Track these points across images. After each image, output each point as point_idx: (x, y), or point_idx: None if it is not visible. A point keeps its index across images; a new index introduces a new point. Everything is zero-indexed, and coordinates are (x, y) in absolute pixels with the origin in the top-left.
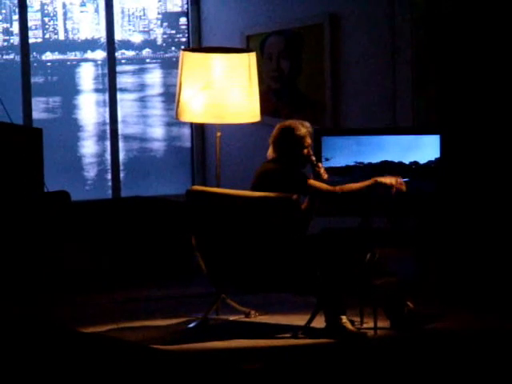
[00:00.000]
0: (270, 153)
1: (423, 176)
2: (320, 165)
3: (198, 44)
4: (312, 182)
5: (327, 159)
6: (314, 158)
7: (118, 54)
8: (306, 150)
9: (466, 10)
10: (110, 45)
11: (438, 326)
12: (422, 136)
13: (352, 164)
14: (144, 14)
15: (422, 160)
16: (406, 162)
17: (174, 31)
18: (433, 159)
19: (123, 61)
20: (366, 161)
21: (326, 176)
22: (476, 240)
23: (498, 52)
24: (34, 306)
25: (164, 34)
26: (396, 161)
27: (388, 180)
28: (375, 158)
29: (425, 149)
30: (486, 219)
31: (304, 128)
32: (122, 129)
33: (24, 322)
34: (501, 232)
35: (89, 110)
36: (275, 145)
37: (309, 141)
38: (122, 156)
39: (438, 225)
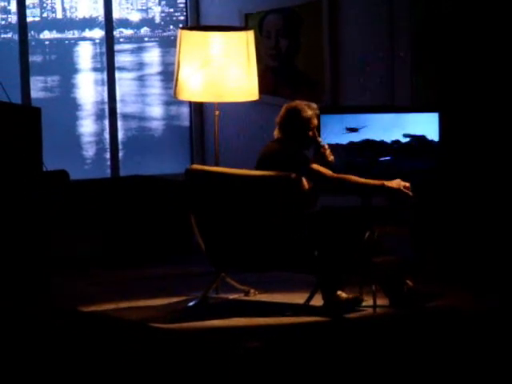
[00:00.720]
0: (275, 133)
1: (405, 154)
2: (326, 147)
3: (196, 22)
4: (315, 166)
5: (354, 129)
6: (319, 140)
7: (116, 33)
8: (311, 132)
9: None
10: (108, 23)
11: (437, 304)
12: (405, 114)
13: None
14: None
15: (404, 139)
16: (388, 141)
17: (172, 9)
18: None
19: (121, 39)
20: (348, 139)
21: (331, 158)
22: (475, 217)
23: (498, 31)
24: (32, 285)
25: (162, 12)
26: (378, 139)
27: (395, 185)
28: (362, 137)
29: (409, 127)
30: (485, 197)
31: (310, 110)
32: (120, 108)
33: (24, 301)
34: (500, 210)
35: (87, 88)
36: (281, 125)
37: (315, 122)
38: (120, 135)
39: (436, 203)
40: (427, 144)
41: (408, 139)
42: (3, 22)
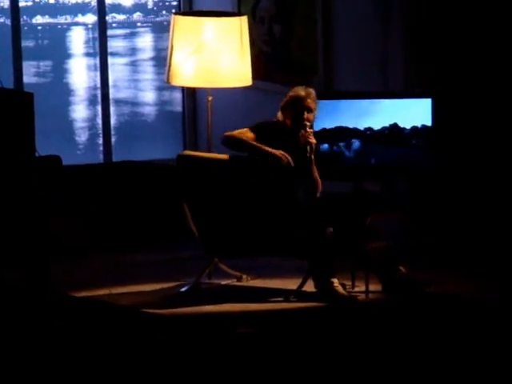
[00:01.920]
0: None
1: (379, 142)
2: (310, 130)
3: (189, 8)
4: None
5: None
6: (305, 123)
7: (108, 18)
8: (299, 114)
9: None
10: (101, 8)
11: (429, 290)
12: (382, 100)
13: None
14: None
15: (377, 126)
16: (361, 127)
17: None
18: (387, 125)
19: (114, 24)
20: (321, 126)
21: (311, 140)
22: (472, 203)
23: (492, 17)
24: (25, 270)
25: None
26: (351, 126)
27: (278, 153)
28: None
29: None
30: (481, 184)
31: (302, 91)
32: (113, 93)
33: (18, 286)
34: (497, 196)
35: (80, 74)
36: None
37: (305, 104)
38: (113, 120)
39: (432, 190)
40: (400, 131)
41: (380, 126)
42: None
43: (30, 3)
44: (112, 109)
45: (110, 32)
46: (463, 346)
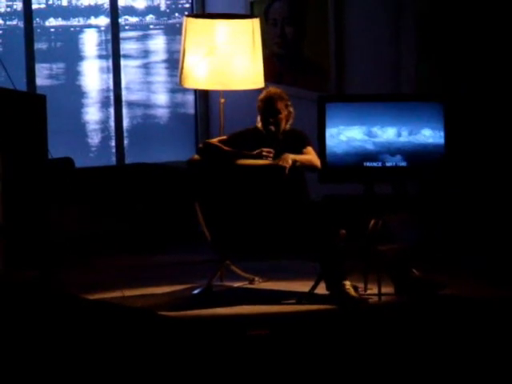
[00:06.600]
0: None
1: (390, 145)
2: (266, 150)
3: (201, 10)
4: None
5: None
6: (270, 128)
7: (121, 20)
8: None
9: None
10: (114, 11)
11: (442, 292)
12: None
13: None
14: None
15: (388, 128)
16: (372, 130)
17: None
18: (398, 128)
19: (127, 27)
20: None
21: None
22: (483, 206)
23: (505, 20)
24: (38, 272)
25: None
26: (362, 128)
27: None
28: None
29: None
30: (493, 183)
31: (262, 94)
32: (125, 95)
33: (28, 287)
34: (508, 198)
35: (92, 76)
36: None
37: (266, 108)
38: (125, 123)
39: (443, 190)
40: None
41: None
42: (9, 9)
43: (42, 6)
44: (124, 111)
45: (122, 34)
46: (476, 347)
